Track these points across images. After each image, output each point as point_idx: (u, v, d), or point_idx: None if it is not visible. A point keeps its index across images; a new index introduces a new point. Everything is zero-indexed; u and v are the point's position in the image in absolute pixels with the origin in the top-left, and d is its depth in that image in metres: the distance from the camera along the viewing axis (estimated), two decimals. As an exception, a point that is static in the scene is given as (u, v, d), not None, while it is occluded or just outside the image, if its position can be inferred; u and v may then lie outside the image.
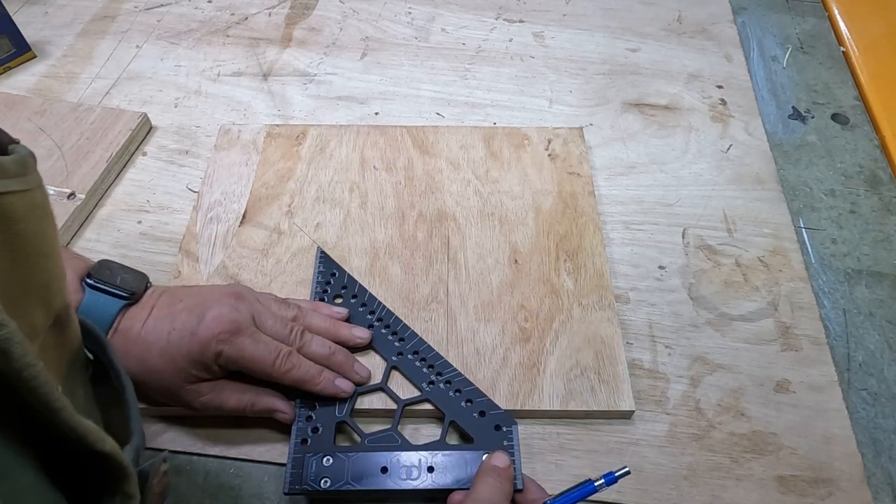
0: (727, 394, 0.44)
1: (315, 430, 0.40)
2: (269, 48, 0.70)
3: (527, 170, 0.56)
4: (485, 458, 0.38)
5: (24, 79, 0.66)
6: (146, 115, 0.60)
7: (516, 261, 0.50)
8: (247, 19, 0.74)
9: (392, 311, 0.46)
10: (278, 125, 0.60)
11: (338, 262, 0.49)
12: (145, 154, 0.59)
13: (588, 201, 0.53)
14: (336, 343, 0.43)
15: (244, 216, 0.53)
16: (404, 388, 0.43)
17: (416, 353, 0.44)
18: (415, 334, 0.45)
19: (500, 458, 0.38)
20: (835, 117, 0.64)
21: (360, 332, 0.44)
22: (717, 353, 0.46)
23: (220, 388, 0.39)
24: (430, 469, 0.39)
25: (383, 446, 0.40)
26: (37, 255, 0.22)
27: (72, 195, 0.53)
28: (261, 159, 0.57)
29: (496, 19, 0.73)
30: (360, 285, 0.48)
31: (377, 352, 0.45)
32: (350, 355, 0.43)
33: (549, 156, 0.57)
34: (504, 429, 0.40)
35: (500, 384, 0.43)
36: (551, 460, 0.41)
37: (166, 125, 0.62)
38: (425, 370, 0.43)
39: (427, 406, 0.42)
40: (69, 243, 0.52)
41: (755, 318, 0.48)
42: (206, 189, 0.55)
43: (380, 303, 0.47)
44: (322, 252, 0.50)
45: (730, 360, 0.46)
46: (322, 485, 0.38)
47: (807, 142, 0.62)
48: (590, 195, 0.54)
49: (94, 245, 0.52)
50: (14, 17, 0.66)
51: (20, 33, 0.66)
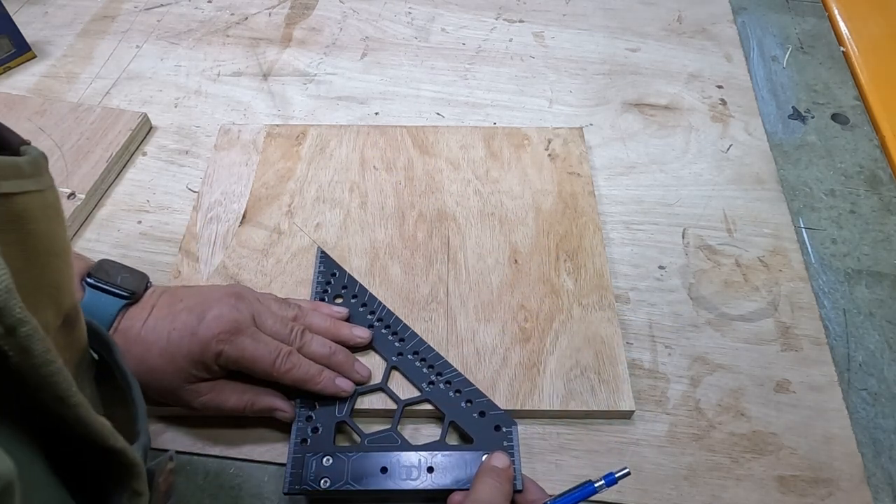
0: (727, 394, 0.44)
1: (315, 430, 0.40)
2: (269, 48, 0.70)
3: (527, 170, 0.56)
4: (484, 458, 0.38)
5: (24, 79, 0.66)
6: (146, 115, 0.60)
7: (516, 261, 0.50)
8: (247, 19, 0.74)
9: (392, 311, 0.46)
10: (278, 125, 0.60)
11: (338, 262, 0.49)
12: (145, 154, 0.59)
13: (588, 201, 0.53)
14: (336, 343, 0.43)
15: (244, 216, 0.53)
16: (404, 389, 0.43)
17: (416, 353, 0.44)
18: (415, 334, 0.45)
19: (499, 459, 0.37)
20: (835, 117, 0.64)
21: (361, 332, 0.44)
22: (717, 353, 0.46)
23: (219, 388, 0.39)
24: (430, 469, 0.39)
25: (383, 446, 0.40)
26: (49, 254, 0.22)
27: (72, 195, 0.53)
28: (261, 159, 0.57)
29: (496, 19, 0.73)
30: (360, 285, 0.48)
31: (377, 352, 0.45)
32: (350, 355, 0.43)
33: (549, 156, 0.57)
34: (504, 429, 0.40)
35: (500, 384, 0.43)
36: (551, 460, 0.41)
37: (166, 125, 0.62)
38: (425, 370, 0.43)
39: (427, 406, 0.42)
40: (69, 243, 0.52)
41: (755, 318, 0.48)
42: (206, 189, 0.55)
43: (380, 303, 0.47)
44: (322, 252, 0.50)
45: (730, 360, 0.46)
46: (322, 485, 0.38)
47: (807, 142, 0.61)
48: (590, 195, 0.54)
49: (94, 245, 0.52)
50: (14, 17, 0.66)
51: (20, 33, 0.66)
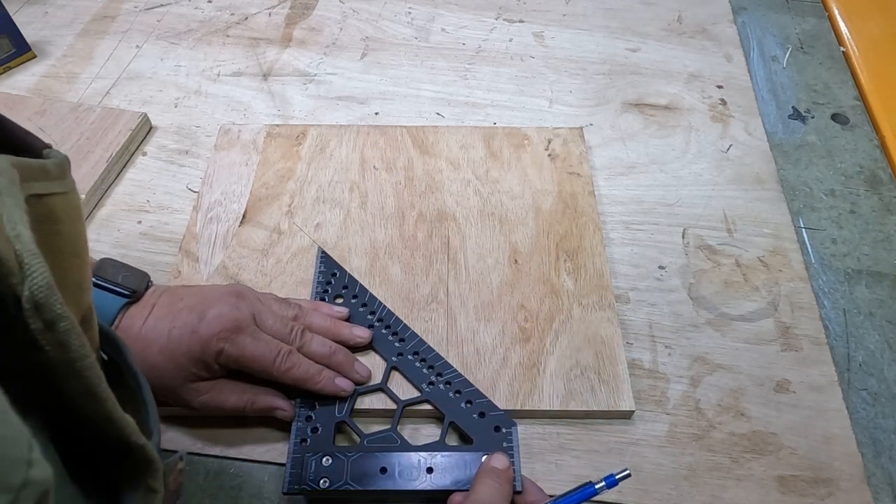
0: (727, 394, 0.44)
1: (315, 429, 0.40)
2: (269, 48, 0.70)
3: (527, 170, 0.56)
4: (484, 459, 0.38)
5: (24, 79, 0.66)
6: (146, 115, 0.60)
7: (516, 261, 0.50)
8: (247, 19, 0.74)
9: (392, 311, 0.46)
10: (278, 125, 0.60)
11: (338, 262, 0.49)
12: (145, 154, 0.59)
13: (588, 201, 0.53)
14: (336, 342, 0.43)
15: (244, 216, 0.53)
16: (404, 389, 0.43)
17: (416, 353, 0.44)
18: (415, 335, 0.45)
19: (499, 460, 0.37)
20: (835, 117, 0.63)
21: (361, 332, 0.44)
22: (717, 353, 0.46)
23: (219, 387, 0.39)
24: (430, 470, 0.39)
25: (383, 447, 0.40)
26: (72, 255, 0.23)
27: (72, 195, 0.53)
28: (261, 159, 0.57)
29: (496, 19, 0.73)
30: (360, 285, 0.48)
31: (377, 352, 0.45)
32: (350, 355, 0.43)
33: (549, 156, 0.57)
34: (504, 430, 0.40)
35: (500, 384, 0.43)
36: (551, 460, 0.41)
37: (166, 125, 0.62)
38: (425, 371, 0.43)
39: (427, 407, 0.42)
40: (69, 243, 0.52)
41: (755, 318, 0.48)
42: (206, 189, 0.55)
43: (380, 303, 0.47)
44: (323, 252, 0.50)
45: (730, 360, 0.46)
46: (321, 485, 0.38)
47: (807, 142, 0.61)
48: (590, 195, 0.54)
49: (95, 245, 0.52)
50: (14, 17, 0.66)
51: (20, 33, 0.66)
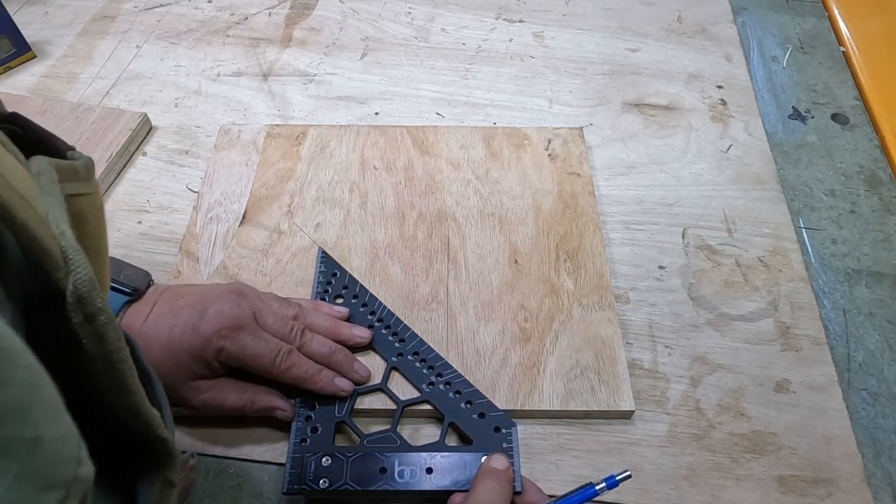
0: (727, 394, 0.44)
1: (314, 429, 0.40)
2: (269, 48, 0.70)
3: (527, 170, 0.56)
4: (484, 459, 0.38)
5: (24, 79, 0.66)
6: (146, 115, 0.60)
7: (516, 261, 0.50)
8: (247, 19, 0.74)
9: (392, 311, 0.46)
10: (278, 125, 0.60)
11: (338, 262, 0.49)
12: (145, 154, 0.59)
13: (588, 201, 0.53)
14: (336, 342, 0.43)
15: (244, 216, 0.53)
16: (404, 389, 0.43)
17: (416, 353, 0.44)
18: (415, 335, 0.45)
19: (499, 461, 0.37)
20: (835, 117, 0.63)
21: (361, 332, 0.44)
22: (717, 353, 0.46)
23: (219, 386, 0.39)
24: (429, 470, 0.39)
25: (382, 447, 0.40)
26: (97, 253, 0.23)
27: (72, 195, 0.53)
28: (261, 159, 0.57)
29: (496, 19, 0.73)
30: (360, 285, 0.48)
31: (377, 352, 0.45)
32: (350, 355, 0.43)
33: (549, 156, 0.57)
34: (503, 431, 0.40)
35: (500, 384, 0.43)
36: (551, 460, 0.41)
37: (166, 125, 0.62)
38: (425, 371, 0.43)
39: (426, 407, 0.42)
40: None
41: (755, 318, 0.48)
42: (206, 189, 0.55)
43: (380, 303, 0.47)
44: (323, 252, 0.50)
45: (730, 360, 0.46)
46: (321, 485, 0.38)
47: (807, 142, 0.61)
48: (590, 195, 0.54)
49: (94, 245, 0.52)
50: (14, 17, 0.66)
51: (20, 33, 0.66)
